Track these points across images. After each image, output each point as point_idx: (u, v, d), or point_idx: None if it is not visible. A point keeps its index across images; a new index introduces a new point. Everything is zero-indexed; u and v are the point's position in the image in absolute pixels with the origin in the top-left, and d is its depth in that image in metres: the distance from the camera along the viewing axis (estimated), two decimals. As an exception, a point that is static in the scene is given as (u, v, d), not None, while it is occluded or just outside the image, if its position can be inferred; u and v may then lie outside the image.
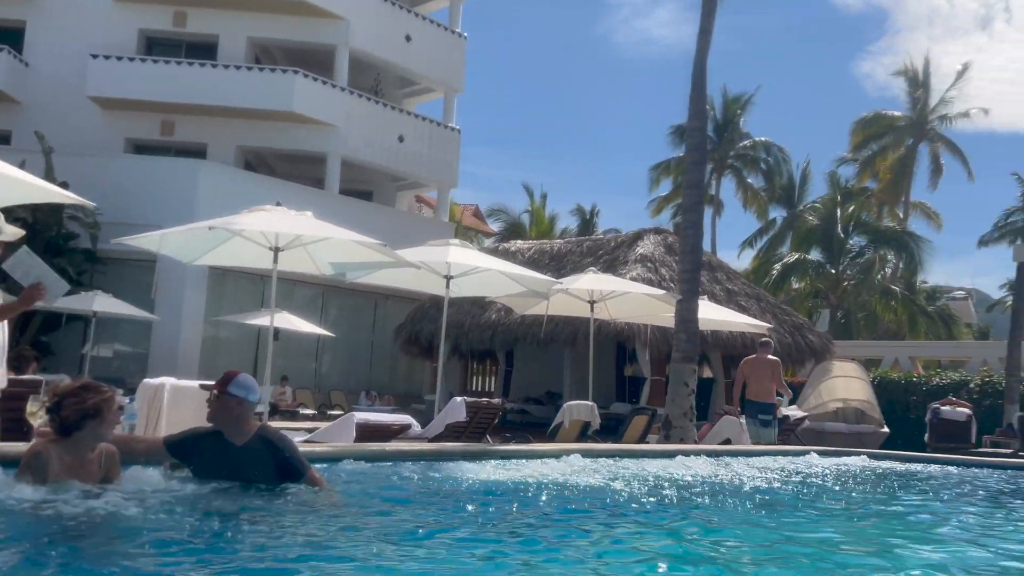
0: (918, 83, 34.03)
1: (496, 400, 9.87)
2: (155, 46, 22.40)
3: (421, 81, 25.18)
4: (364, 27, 22.34)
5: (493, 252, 19.13)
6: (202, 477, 4.09)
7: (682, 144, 29.03)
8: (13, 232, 5.15)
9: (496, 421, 9.39)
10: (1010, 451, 12.65)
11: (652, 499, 5.22)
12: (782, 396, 11.49)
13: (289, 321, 15.04)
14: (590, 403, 10.65)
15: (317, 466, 4.46)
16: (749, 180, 35.67)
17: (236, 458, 4.06)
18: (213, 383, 4.23)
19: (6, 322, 5.00)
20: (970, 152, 34.42)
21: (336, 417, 10.25)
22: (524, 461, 6.36)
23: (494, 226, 36.22)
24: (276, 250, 8.47)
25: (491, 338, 17.58)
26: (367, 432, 7.50)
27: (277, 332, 15.21)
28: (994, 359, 18.07)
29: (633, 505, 4.91)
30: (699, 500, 5.45)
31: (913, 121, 33.95)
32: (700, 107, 12.16)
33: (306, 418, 14.65)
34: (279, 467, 4.12)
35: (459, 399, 8.41)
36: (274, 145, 22.40)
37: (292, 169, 23.59)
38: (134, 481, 3.90)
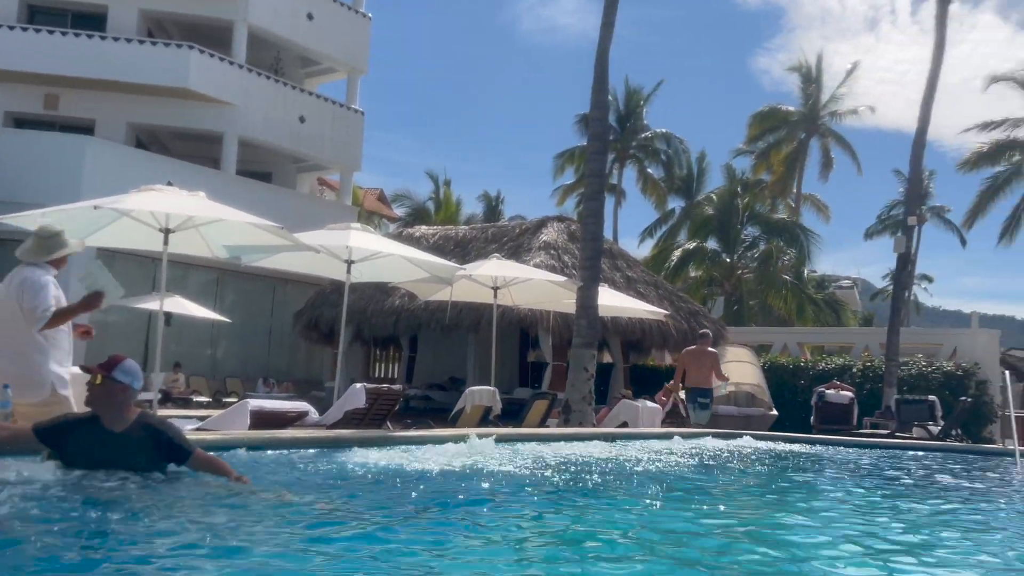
0: (811, 80, 35.44)
1: (397, 386, 9.80)
2: (38, 15, 21.14)
3: (323, 61, 24.62)
4: (264, 3, 21.66)
5: (397, 237, 18.94)
6: (76, 465, 3.91)
7: (586, 133, 29.44)
8: (78, 244, 5.67)
9: (397, 407, 9.32)
10: (887, 432, 13.39)
11: (549, 482, 5.29)
12: (722, 382, 12.56)
13: (182, 306, 14.50)
14: (492, 388, 10.71)
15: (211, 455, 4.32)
16: (650, 170, 36.45)
17: (115, 445, 3.91)
18: (95, 366, 4.04)
19: (68, 324, 5.45)
20: (858, 147, 36.14)
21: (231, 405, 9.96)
22: (424, 447, 6.34)
23: (398, 211, 35.88)
24: (166, 232, 8.14)
25: (394, 324, 17.44)
26: (262, 419, 7.33)
27: (169, 317, 14.67)
28: (875, 345, 19.07)
29: (530, 488, 4.97)
30: (596, 482, 5.56)
31: (806, 116, 35.36)
32: (602, 98, 12.33)
33: (200, 406, 14.19)
34: (163, 450, 4.04)
35: (358, 385, 8.31)
36: (167, 123, 21.50)
37: (187, 148, 22.71)
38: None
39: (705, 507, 4.84)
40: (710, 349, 12.38)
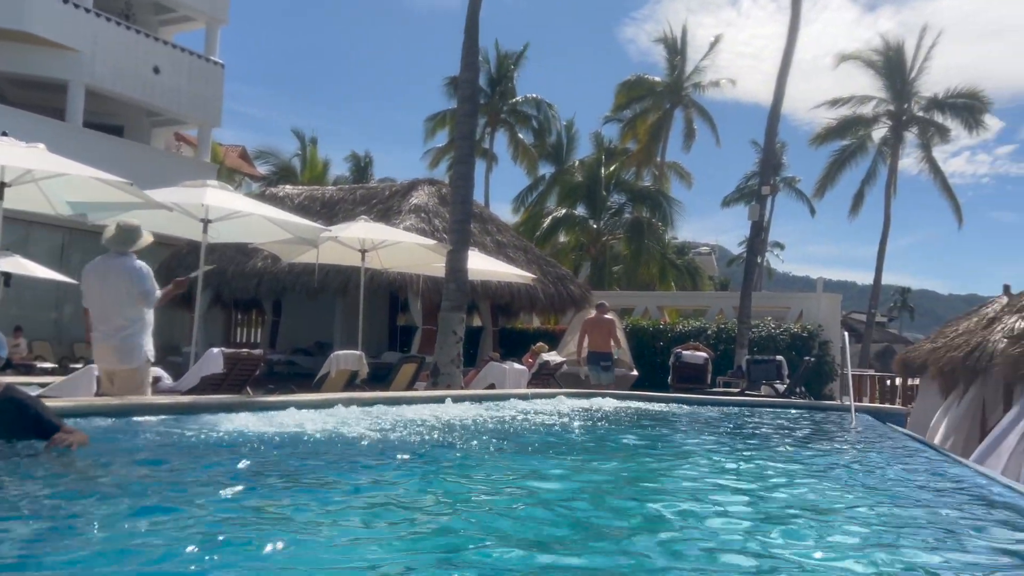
0: (676, 51, 36.47)
1: (257, 351, 9.51)
2: None
3: (179, 9, 23.23)
4: (112, -58, 20.17)
5: (259, 196, 18.29)
6: None
7: (456, 96, 29.23)
8: (149, 236, 6.70)
9: (258, 373, 9.06)
10: (738, 390, 14.17)
11: (411, 444, 5.29)
12: (619, 348, 14.35)
13: (22, 266, 13.48)
14: (358, 352, 10.58)
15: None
16: (521, 136, 36.66)
17: None
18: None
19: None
20: (718, 119, 37.63)
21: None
22: (284, 412, 6.20)
23: (262, 169, 34.58)
24: (1, 185, 7.52)
25: (256, 287, 16.90)
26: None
27: (7, 278, 13.60)
28: (729, 308, 20.07)
29: (392, 451, 4.95)
30: (460, 443, 5.60)
31: (670, 87, 36.42)
32: (472, 60, 12.23)
33: (44, 372, 13.31)
34: (28, 426, 3.80)
35: (215, 350, 8.02)
36: (4, 68, 19.77)
37: (27, 96, 20.96)
38: None
39: (566, 464, 4.97)
40: (607, 316, 13.58)
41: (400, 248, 12.48)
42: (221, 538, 2.72)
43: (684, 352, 15.83)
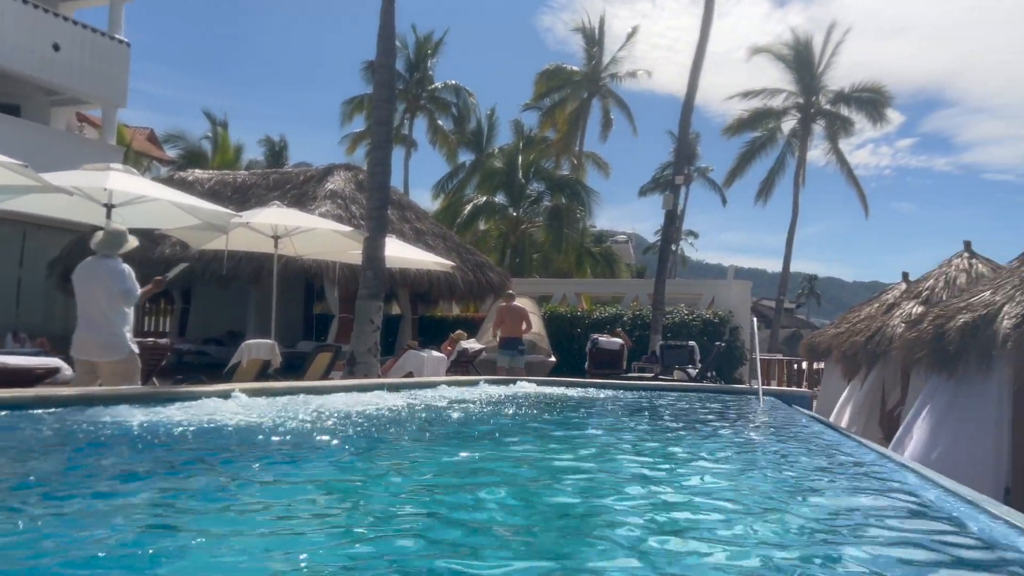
0: (594, 41, 36.82)
1: (164, 340, 9.19)
2: None
3: (81, -17, 22.18)
4: (6, -90, 19.06)
5: (168, 181, 17.68)
6: None
7: (373, 81, 28.86)
8: (134, 241, 7.31)
9: (165, 363, 8.76)
10: (652, 375, 14.46)
11: (325, 435, 5.21)
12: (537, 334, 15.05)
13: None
14: (271, 341, 10.34)
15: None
16: (440, 122, 36.44)
17: None
18: None
19: None
20: (635, 109, 38.18)
21: (-31, 363, 8.89)
22: (190, 403, 6.01)
23: (171, 152, 33.38)
24: None
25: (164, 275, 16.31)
26: (5, 376, 6.62)
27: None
28: (644, 295, 20.45)
29: (305, 443, 4.86)
30: (373, 433, 5.54)
31: (588, 76, 36.76)
32: (388, 44, 12.05)
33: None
34: None
35: (120, 339, 7.68)
36: None
37: (-89, 72, 19.71)
38: None
39: (483, 451, 4.98)
40: (517, 304, 14.11)
41: (315, 235, 12.24)
42: (113, 536, 2.62)
43: (600, 338, 16.06)
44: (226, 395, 6.29)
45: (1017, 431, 7.75)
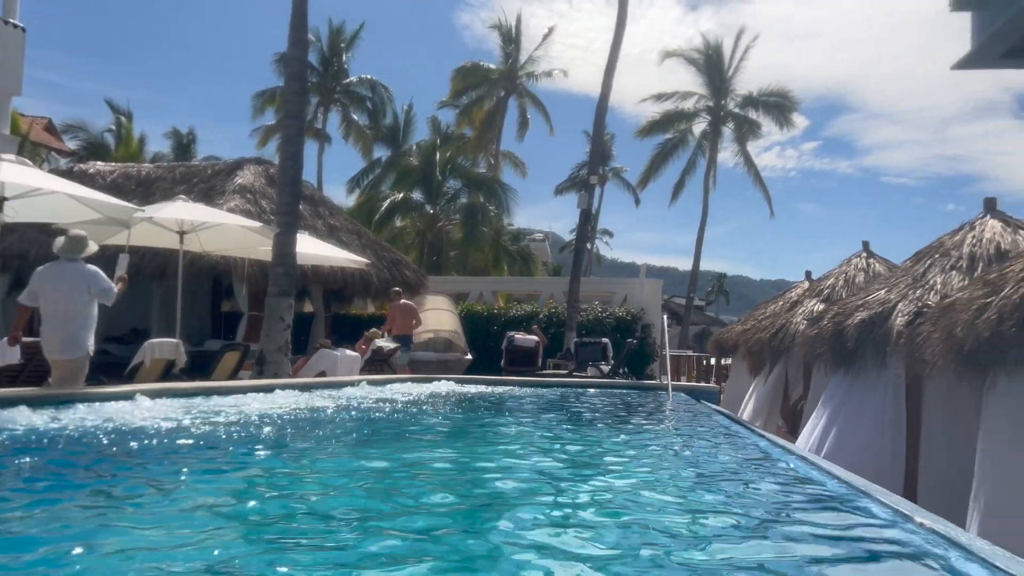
0: (511, 40, 36.93)
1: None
2: None
3: (-29, -37, 20.92)
4: None
5: (66, 173, 16.89)
6: None
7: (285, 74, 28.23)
8: (94, 245, 7.56)
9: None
10: (566, 371, 14.62)
11: (229, 438, 5.07)
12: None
13: None
14: (175, 340, 10.01)
15: None
16: (355, 117, 35.96)
17: None
18: None
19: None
20: (551, 109, 38.48)
21: None
22: (90, 405, 5.76)
23: (71, 144, 31.90)
24: None
25: (63, 271, 15.58)
26: None
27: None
28: (560, 293, 20.66)
29: (208, 446, 4.72)
30: (281, 435, 5.42)
31: (505, 75, 36.85)
32: (301, 36, 11.81)
33: None
34: None
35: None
36: None
37: None
38: None
39: (395, 450, 4.93)
40: (403, 302, 14.62)
41: (223, 230, 11.90)
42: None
43: (516, 336, 16.14)
44: (128, 396, 6.05)
45: (909, 424, 8.15)
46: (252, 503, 3.33)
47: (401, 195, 30.56)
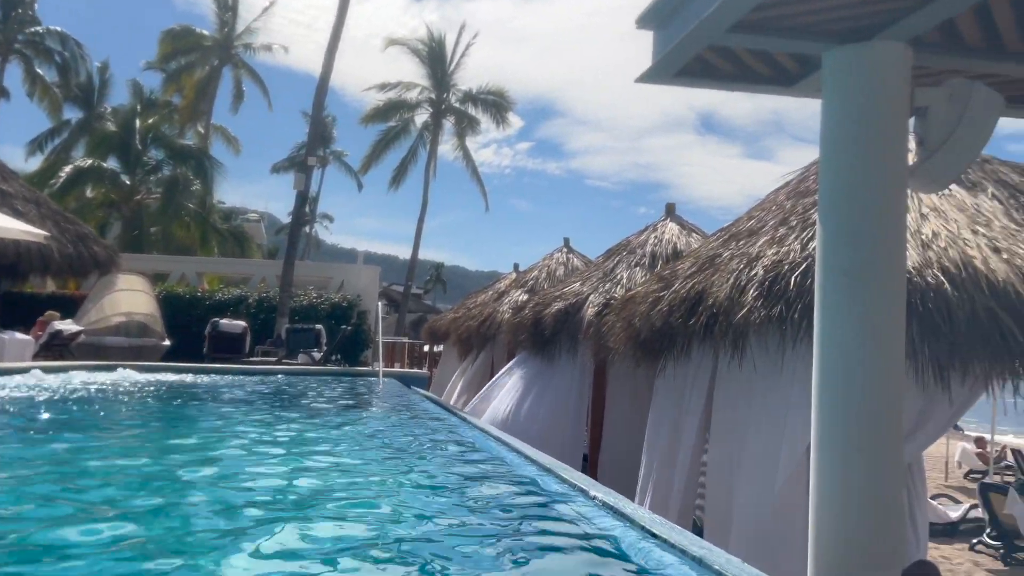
0: (227, 7, 34.85)
1: None
2: None
3: None
4: None
5: None
6: None
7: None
8: None
9: None
10: (276, 359, 14.13)
11: None
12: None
13: None
14: None
15: None
16: (40, 71, 31.87)
17: None
18: None
19: None
20: (271, 84, 36.89)
21: None
22: None
23: None
24: None
25: None
26: None
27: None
28: (272, 277, 19.90)
29: None
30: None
31: (220, 44, 34.71)
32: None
33: None
34: None
35: None
36: None
37: None
38: None
39: (71, 444, 4.44)
40: None
41: None
42: None
43: (221, 321, 15.29)
44: None
45: (595, 407, 8.90)
46: None
47: (91, 162, 27.52)
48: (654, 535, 2.70)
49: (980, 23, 3.32)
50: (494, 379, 10.93)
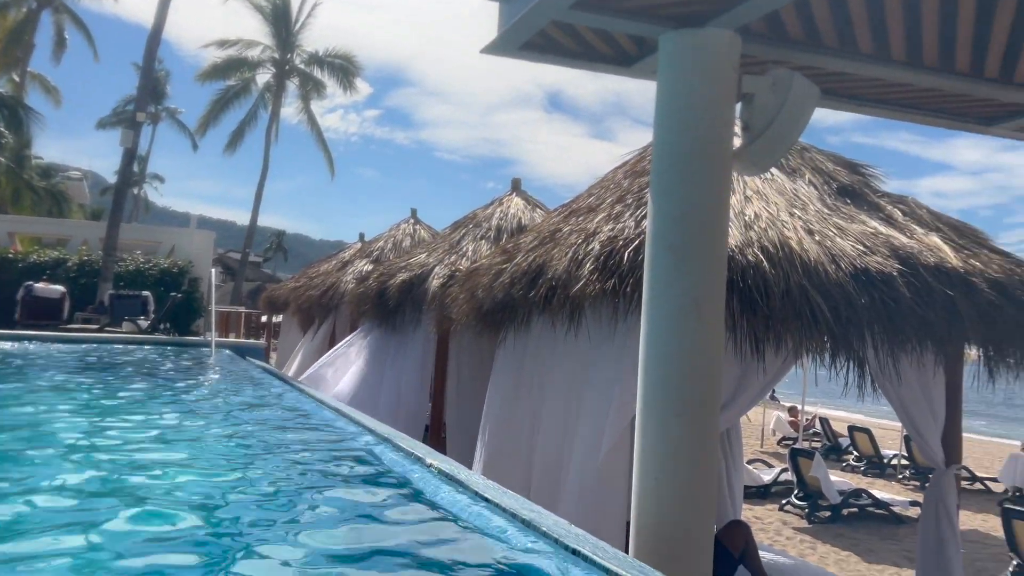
0: (45, -57, 31.87)
1: None
2: None
3: None
4: None
5: None
6: None
7: None
8: None
9: None
10: (98, 327, 13.24)
11: None
12: None
13: None
14: None
15: None
16: None
17: None
18: None
19: None
20: (97, 33, 34.16)
21: None
22: None
23: None
24: None
25: None
26: None
27: None
28: (95, 239, 18.57)
29: None
30: None
31: (37, -17, 31.75)
32: None
33: None
34: None
35: None
36: None
37: None
38: None
39: None
40: None
41: None
42: None
43: (37, 285, 14.13)
44: None
45: (437, 377, 8.93)
46: None
47: None
48: (486, 499, 2.76)
49: (801, 17, 3.54)
50: (335, 348, 10.76)
